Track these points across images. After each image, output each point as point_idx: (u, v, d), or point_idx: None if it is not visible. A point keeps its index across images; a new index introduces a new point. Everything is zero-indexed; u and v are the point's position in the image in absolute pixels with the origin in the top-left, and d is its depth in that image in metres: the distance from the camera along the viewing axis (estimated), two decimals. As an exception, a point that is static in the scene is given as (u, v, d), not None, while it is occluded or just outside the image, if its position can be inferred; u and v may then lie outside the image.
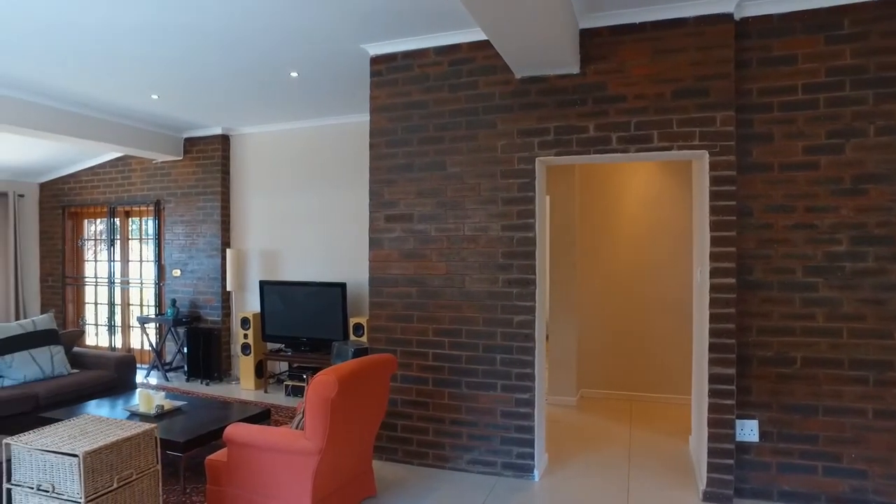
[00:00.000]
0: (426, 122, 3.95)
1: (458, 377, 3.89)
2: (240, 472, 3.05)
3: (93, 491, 2.37)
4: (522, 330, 3.73)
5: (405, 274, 4.01)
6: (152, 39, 3.85)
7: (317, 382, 2.79)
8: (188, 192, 6.74)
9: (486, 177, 3.81)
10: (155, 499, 2.69)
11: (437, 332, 3.93)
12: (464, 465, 3.89)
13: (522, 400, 3.74)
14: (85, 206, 7.59)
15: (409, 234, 4.00)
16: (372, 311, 4.12)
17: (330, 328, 5.67)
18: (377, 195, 4.08)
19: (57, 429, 2.63)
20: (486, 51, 3.76)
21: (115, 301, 7.46)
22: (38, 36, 3.78)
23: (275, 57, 4.20)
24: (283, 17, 3.50)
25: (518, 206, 3.74)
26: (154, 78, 4.71)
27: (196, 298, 6.68)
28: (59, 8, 3.36)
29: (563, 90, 3.62)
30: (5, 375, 4.63)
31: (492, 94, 3.79)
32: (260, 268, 6.49)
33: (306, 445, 2.83)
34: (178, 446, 3.45)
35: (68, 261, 7.77)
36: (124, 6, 3.34)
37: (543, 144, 3.68)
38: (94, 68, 4.46)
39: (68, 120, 5.55)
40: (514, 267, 3.75)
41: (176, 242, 6.82)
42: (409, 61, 3.99)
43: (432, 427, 3.96)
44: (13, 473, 2.46)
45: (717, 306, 3.34)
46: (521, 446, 3.75)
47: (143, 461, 2.64)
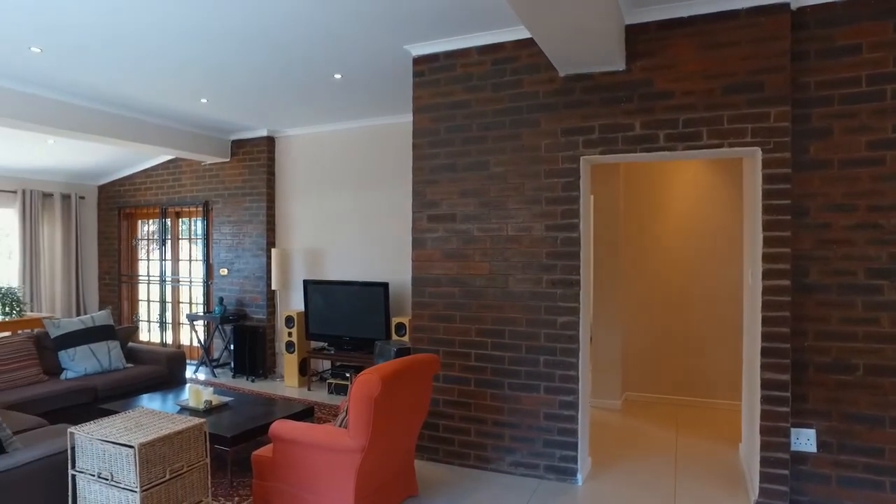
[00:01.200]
0: (469, 122, 3.94)
1: (501, 378, 3.86)
2: (285, 468, 3.11)
3: (147, 481, 2.45)
4: (566, 331, 3.68)
5: (448, 274, 4.01)
6: (203, 44, 3.97)
7: (361, 381, 2.81)
8: (235, 193, 6.92)
9: (530, 176, 3.77)
10: (204, 491, 2.75)
11: (480, 333, 3.91)
12: (505, 467, 3.86)
13: (566, 402, 3.68)
14: (139, 208, 7.89)
15: (451, 234, 4.00)
16: (414, 311, 4.13)
17: (372, 327, 5.73)
18: (420, 195, 4.10)
19: (114, 420, 2.72)
20: (530, 49, 3.73)
21: (166, 299, 7.72)
22: (101, 44, 3.94)
23: (319, 59, 4.26)
24: (328, 19, 3.55)
25: (562, 206, 3.69)
26: (204, 82, 4.85)
27: (242, 297, 6.85)
28: (120, 15, 3.49)
29: (608, 87, 3.55)
30: (68, 368, 4.85)
31: (535, 93, 3.75)
32: (304, 267, 6.61)
33: (350, 443, 2.86)
34: (225, 441, 3.54)
35: (123, 260, 8.10)
36: (179, 13, 3.45)
37: (588, 143, 3.62)
38: (150, 74, 4.62)
39: (124, 124, 5.77)
40: (557, 267, 3.70)
41: (223, 242, 7.01)
42: (452, 61, 3.99)
43: (474, 428, 3.95)
44: (77, 461, 2.57)
45: (770, 309, 3.21)
46: (564, 449, 3.70)
47: (194, 454, 2.70)
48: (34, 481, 2.56)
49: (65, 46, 4.00)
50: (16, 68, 4.46)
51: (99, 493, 2.52)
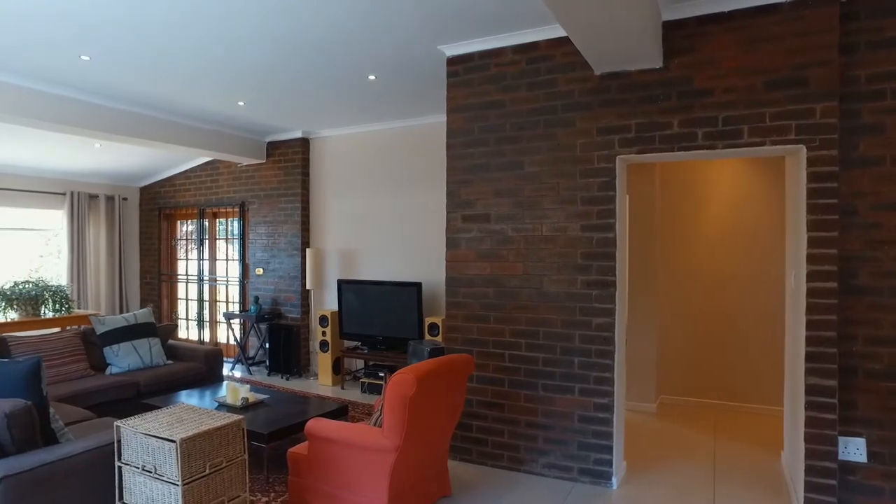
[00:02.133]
0: (503, 122, 3.92)
1: (535, 379, 3.83)
2: (320, 466, 3.14)
3: (188, 475, 2.50)
4: (602, 332, 3.63)
5: (482, 274, 4.00)
6: (242, 49, 4.04)
7: (396, 381, 2.83)
8: (270, 194, 7.04)
9: (565, 176, 3.73)
10: (242, 486, 2.80)
11: (514, 334, 3.89)
12: (539, 469, 3.83)
13: (601, 405, 3.63)
14: (178, 208, 8.09)
15: (486, 235, 3.98)
16: (448, 311, 4.13)
17: (405, 327, 5.75)
18: (454, 195, 4.10)
19: (157, 415, 2.79)
20: (565, 47, 3.69)
21: (203, 297, 7.90)
22: (145, 51, 4.05)
23: (354, 61, 4.30)
24: (362, 21, 3.58)
25: (598, 206, 3.64)
26: (241, 85, 4.94)
27: (277, 296, 6.97)
28: (163, 24, 3.59)
29: (645, 85, 3.49)
30: (112, 364, 5.01)
31: (570, 92, 3.71)
32: (338, 267, 6.68)
33: (384, 442, 2.87)
34: (262, 437, 3.60)
35: (163, 259, 8.32)
36: (225, 19, 3.52)
37: (624, 142, 3.56)
38: (191, 79, 4.74)
39: (165, 128, 5.93)
40: (593, 268, 3.66)
41: (259, 242, 7.14)
42: (486, 61, 3.98)
43: (507, 429, 3.93)
44: (123, 453, 2.64)
45: (816, 312, 3.11)
46: (598, 452, 3.65)
47: (232, 450, 2.75)
48: (84, 471, 2.65)
49: (111, 54, 4.14)
50: (67, 76, 4.63)
51: (143, 486, 2.59)
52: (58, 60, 4.27)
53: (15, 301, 5.94)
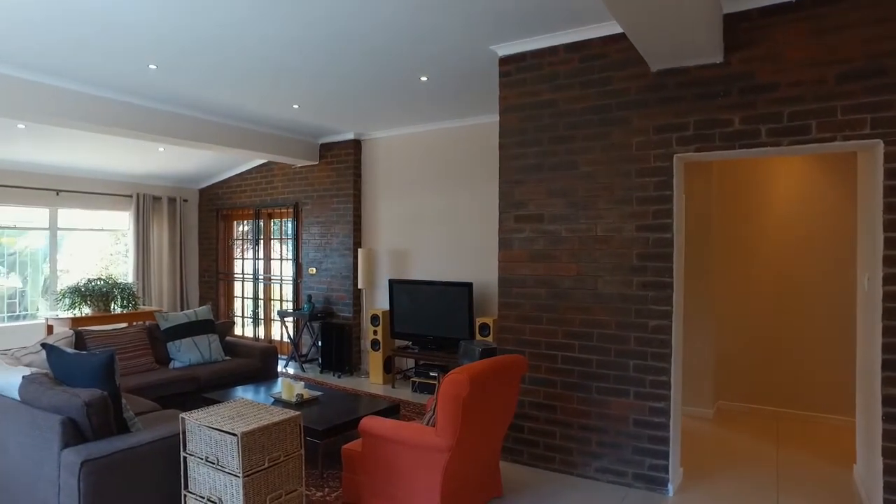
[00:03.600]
0: (556, 121, 3.88)
1: (588, 381, 3.77)
2: (373, 463, 3.18)
3: (249, 467, 2.58)
4: (658, 335, 3.54)
5: (534, 275, 3.97)
6: (298, 54, 4.15)
7: (449, 381, 2.84)
8: (323, 195, 7.19)
9: (620, 175, 3.66)
10: (298, 480, 2.87)
11: (567, 335, 3.85)
12: (592, 473, 3.77)
13: (657, 409, 3.55)
14: (234, 209, 8.37)
15: (539, 235, 3.95)
16: (500, 312, 4.12)
17: (456, 327, 5.77)
18: (507, 195, 4.08)
19: (219, 409, 2.90)
20: (620, 44, 3.62)
21: (258, 296, 8.14)
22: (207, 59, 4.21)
23: (407, 62, 4.34)
24: (416, 22, 3.61)
25: (654, 206, 3.55)
26: (297, 89, 5.07)
27: (330, 295, 7.10)
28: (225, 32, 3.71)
29: (704, 81, 3.39)
30: (175, 358, 5.22)
31: (626, 90, 3.64)
32: (389, 267, 6.76)
33: (437, 442, 2.89)
34: (317, 434, 3.67)
35: (221, 258, 8.62)
36: (281, 24, 3.62)
37: (682, 140, 3.46)
38: (249, 84, 4.89)
39: (224, 131, 6.15)
40: (648, 269, 3.57)
41: (312, 242, 7.30)
42: (539, 60, 3.95)
43: (560, 431, 3.88)
44: (188, 444, 2.75)
45: (893, 318, 2.94)
46: (654, 458, 3.56)
47: (290, 445, 2.82)
48: (153, 459, 2.78)
49: (176, 63, 4.32)
50: (135, 84, 4.86)
51: (206, 476, 2.69)
52: (127, 70, 4.48)
53: (88, 297, 6.27)
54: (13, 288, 7.16)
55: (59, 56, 4.17)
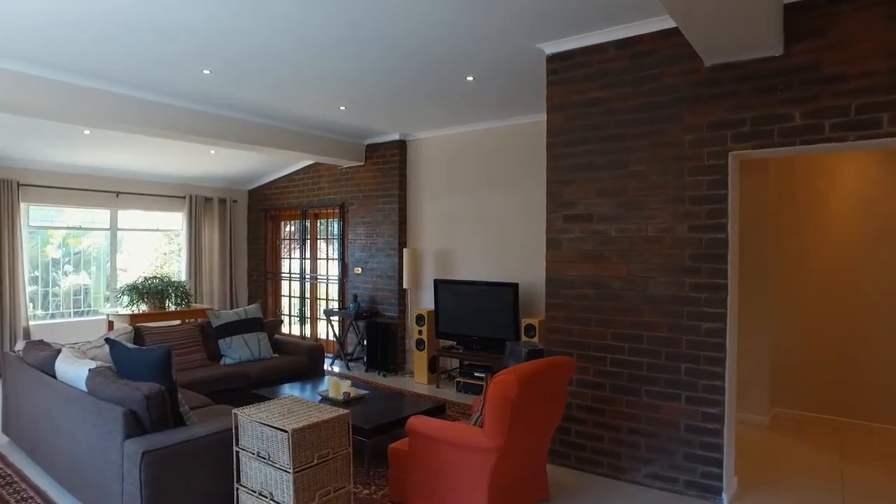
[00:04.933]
0: (606, 120, 3.81)
1: (638, 385, 3.69)
2: (420, 462, 3.19)
3: (299, 464, 2.63)
4: (711, 338, 3.43)
5: (583, 275, 3.90)
6: (344, 56, 4.20)
7: (498, 381, 2.82)
8: (369, 195, 7.27)
9: (672, 174, 3.56)
10: (346, 478, 2.90)
11: (617, 337, 3.77)
12: (641, 479, 3.68)
13: (710, 414, 3.44)
14: (282, 210, 8.55)
15: (587, 235, 3.89)
16: (548, 313, 4.07)
17: (501, 328, 5.74)
18: (555, 195, 4.03)
19: (269, 406, 2.96)
20: (672, 39, 3.52)
21: (305, 295, 8.29)
22: (258, 63, 4.32)
23: (453, 62, 4.34)
24: (462, 22, 3.60)
25: (708, 206, 3.45)
26: (343, 91, 5.14)
27: (375, 295, 7.18)
28: (275, 37, 3.80)
29: (762, 75, 3.26)
30: (226, 355, 5.37)
31: (678, 86, 3.54)
32: (434, 267, 6.78)
33: (485, 443, 2.87)
34: (364, 432, 3.71)
35: (268, 258, 8.83)
36: (328, 27, 3.68)
37: (738, 137, 3.34)
38: (297, 87, 4.99)
39: (273, 133, 6.29)
40: (702, 270, 3.47)
41: (357, 242, 7.39)
42: (587, 58, 3.88)
43: (608, 435, 3.81)
44: (240, 439, 2.82)
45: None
46: (707, 465, 3.45)
47: (338, 443, 2.86)
48: (207, 452, 2.86)
49: (228, 67, 4.44)
50: (190, 89, 5.03)
51: (258, 471, 2.75)
52: (183, 76, 4.64)
53: (145, 294, 6.53)
54: (78, 285, 7.52)
55: (121, 65, 4.35)
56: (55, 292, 7.30)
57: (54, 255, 7.36)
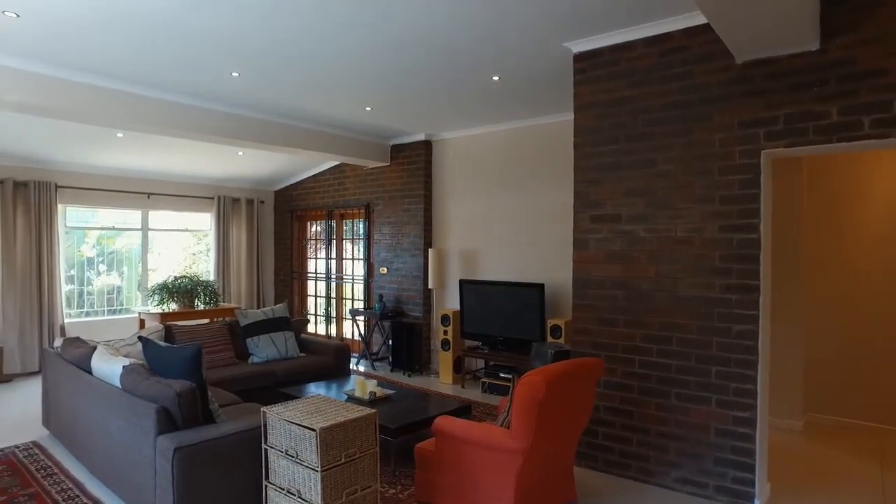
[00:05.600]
0: (634, 119, 3.76)
1: (667, 387, 3.63)
2: (446, 463, 3.19)
3: (327, 462, 2.64)
4: (743, 341, 3.36)
5: (611, 276, 3.86)
6: (370, 57, 4.22)
7: (525, 382, 2.80)
8: (394, 196, 7.30)
9: (702, 174, 3.50)
10: (373, 477, 2.91)
11: (645, 338, 3.72)
12: (670, 483, 3.62)
13: (741, 418, 3.36)
14: (308, 210, 8.64)
15: (615, 235, 3.84)
16: (575, 314, 4.04)
17: (527, 328, 5.70)
18: (582, 195, 3.99)
19: (297, 404, 2.98)
20: (703, 36, 3.47)
21: (330, 294, 8.36)
22: (284, 65, 4.37)
23: (478, 62, 4.33)
24: (488, 22, 3.59)
25: (739, 205, 3.38)
26: (369, 91, 5.17)
27: (400, 295, 7.20)
28: (301, 39, 3.83)
29: (796, 71, 3.18)
30: (253, 354, 5.44)
31: (708, 84, 3.48)
32: (459, 267, 6.77)
33: (512, 444, 2.86)
34: (390, 431, 3.72)
35: (294, 258, 8.92)
36: (353, 29, 3.70)
37: (770, 135, 3.27)
38: (324, 88, 5.03)
39: (300, 134, 6.36)
40: (733, 271, 3.40)
41: (383, 242, 7.43)
42: (615, 56, 3.84)
43: (636, 438, 3.76)
44: (268, 437, 2.86)
45: None
46: (738, 470, 3.38)
47: (365, 442, 2.87)
48: (237, 449, 2.90)
49: (257, 70, 4.50)
50: (219, 91, 5.11)
51: (286, 469, 2.77)
52: (212, 78, 4.71)
53: (175, 293, 6.65)
54: (112, 284, 7.70)
55: (154, 69, 4.44)
56: (89, 291, 7.49)
57: (89, 254, 7.55)
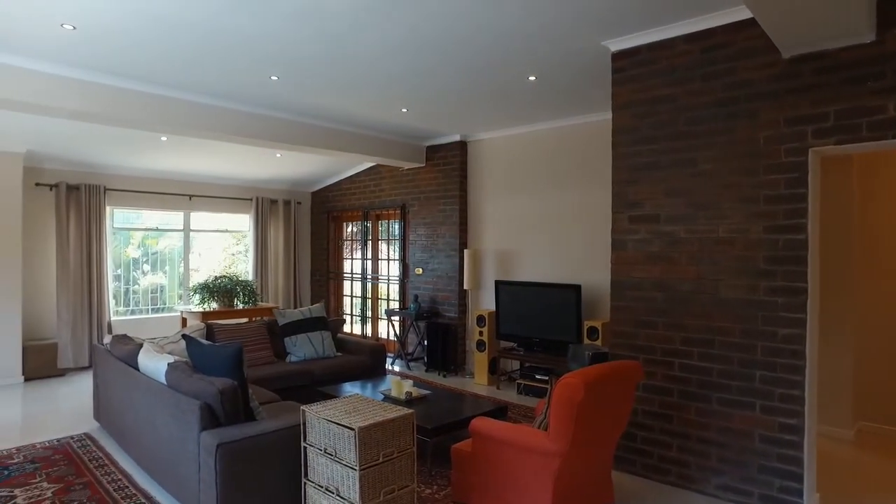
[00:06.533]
0: (674, 117, 3.69)
1: (708, 391, 3.55)
2: (483, 464, 3.18)
3: (365, 461, 2.67)
4: (789, 345, 3.26)
5: (650, 277, 3.79)
6: (408, 59, 4.24)
7: (564, 384, 2.77)
8: (430, 197, 7.32)
9: (745, 173, 3.41)
10: (410, 477, 2.92)
11: (686, 341, 3.64)
12: (712, 490, 3.54)
13: (788, 425, 3.26)
14: (344, 211, 8.74)
15: (654, 236, 3.77)
16: (613, 315, 3.98)
17: (563, 330, 5.65)
18: (621, 195, 3.93)
19: (335, 403, 3.02)
20: (746, 31, 3.37)
21: (366, 295, 8.44)
22: (323, 68, 4.43)
23: (515, 62, 4.31)
24: (525, 21, 3.57)
25: (785, 205, 3.27)
26: (404, 93, 5.20)
27: (435, 295, 7.22)
28: (339, 42, 3.88)
29: (849, 65, 3.06)
30: (291, 353, 5.53)
31: (752, 80, 3.38)
32: (495, 267, 6.75)
33: (550, 447, 2.83)
34: (426, 432, 3.73)
35: (331, 258, 9.03)
36: (389, 30, 3.73)
37: (820, 132, 3.16)
38: (361, 91, 5.08)
39: (337, 136, 6.44)
40: (778, 273, 3.30)
41: (418, 243, 7.46)
42: (654, 54, 3.77)
43: (676, 442, 3.68)
44: (307, 435, 2.90)
45: None
46: (784, 479, 3.27)
47: (403, 442, 2.88)
48: (277, 447, 2.95)
49: (295, 73, 4.57)
50: (258, 95, 5.22)
51: (325, 467, 2.81)
52: (252, 82, 4.81)
53: (215, 293, 6.82)
54: (155, 284, 7.95)
55: (197, 75, 4.56)
56: (134, 290, 7.74)
57: (134, 255, 7.80)
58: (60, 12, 3.42)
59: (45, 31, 3.70)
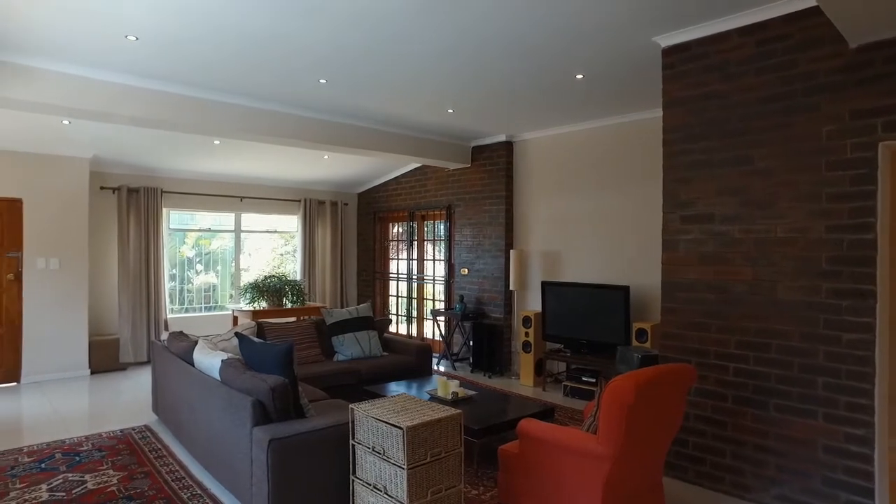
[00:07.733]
0: (727, 113, 3.56)
1: (765, 397, 3.41)
2: (530, 466, 3.15)
3: (413, 460, 2.68)
4: (855, 351, 3.10)
5: (702, 278, 3.68)
6: (453, 58, 4.25)
7: (614, 387, 2.72)
8: (476, 197, 7.32)
9: (805, 170, 3.26)
10: (457, 477, 2.92)
11: (740, 345, 3.51)
12: (769, 500, 3.40)
13: (855, 436, 3.10)
14: (390, 212, 8.83)
15: (707, 236, 3.66)
16: (664, 317, 3.88)
17: (611, 331, 5.55)
18: (672, 194, 3.83)
19: (383, 402, 3.05)
20: (805, 21, 3.23)
21: (412, 295, 8.50)
22: (372, 71, 4.49)
23: (561, 61, 4.26)
24: (571, 19, 3.52)
25: (850, 203, 3.12)
26: (451, 93, 5.21)
27: (481, 296, 7.20)
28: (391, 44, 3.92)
29: (922, 55, 2.90)
30: (339, 352, 5.62)
31: (814, 72, 3.23)
32: (541, 268, 6.69)
33: (599, 450, 2.78)
34: (474, 432, 3.72)
35: (377, 259, 9.14)
36: (435, 31, 3.74)
37: (890, 125, 2.99)
38: (405, 90, 5.12)
39: (383, 138, 6.51)
40: (843, 275, 3.14)
41: (464, 243, 7.46)
42: (706, 48, 3.66)
43: (730, 449, 3.56)
44: (356, 433, 2.94)
45: None
46: (852, 493, 3.11)
47: (450, 442, 2.88)
48: (326, 444, 3.01)
49: (343, 76, 4.65)
50: (308, 98, 5.33)
51: (373, 465, 2.84)
52: (302, 86, 4.92)
53: (265, 292, 7.00)
54: (208, 283, 8.23)
55: (250, 80, 4.70)
56: (189, 289, 8.03)
57: (188, 254, 8.10)
58: (125, 25, 3.59)
59: (110, 43, 3.89)
